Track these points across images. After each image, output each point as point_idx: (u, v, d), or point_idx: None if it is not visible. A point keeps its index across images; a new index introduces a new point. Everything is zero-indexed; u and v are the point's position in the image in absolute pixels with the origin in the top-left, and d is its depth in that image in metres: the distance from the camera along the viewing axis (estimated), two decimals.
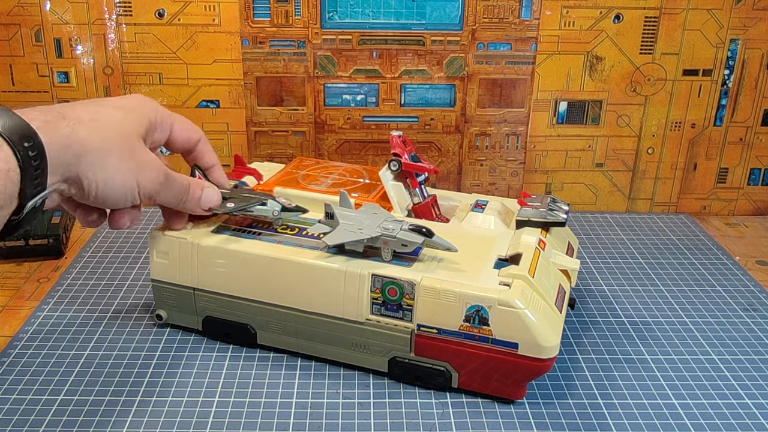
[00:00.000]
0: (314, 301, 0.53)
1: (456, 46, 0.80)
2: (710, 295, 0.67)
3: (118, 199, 0.47)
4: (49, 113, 0.43)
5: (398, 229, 0.51)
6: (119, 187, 0.47)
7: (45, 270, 0.69)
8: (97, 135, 0.45)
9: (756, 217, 0.87)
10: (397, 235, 0.50)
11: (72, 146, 0.44)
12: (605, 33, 0.80)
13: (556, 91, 0.82)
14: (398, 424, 0.49)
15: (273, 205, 0.54)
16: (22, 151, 0.40)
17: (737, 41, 0.80)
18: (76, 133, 0.44)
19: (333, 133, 0.83)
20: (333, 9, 0.78)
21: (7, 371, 0.53)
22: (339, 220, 0.52)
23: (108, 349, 0.56)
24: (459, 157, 0.85)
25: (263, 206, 0.54)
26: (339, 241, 0.51)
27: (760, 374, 0.55)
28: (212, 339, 0.58)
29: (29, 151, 0.41)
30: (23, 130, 0.41)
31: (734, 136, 0.84)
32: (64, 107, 0.45)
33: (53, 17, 0.77)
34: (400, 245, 0.50)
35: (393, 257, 0.52)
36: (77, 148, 0.44)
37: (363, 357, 0.53)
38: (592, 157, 0.85)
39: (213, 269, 0.54)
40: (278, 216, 0.55)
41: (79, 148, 0.44)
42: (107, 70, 0.80)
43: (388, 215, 0.54)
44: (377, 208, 0.55)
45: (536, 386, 0.53)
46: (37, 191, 0.42)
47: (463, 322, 0.49)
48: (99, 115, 0.46)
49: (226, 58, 0.80)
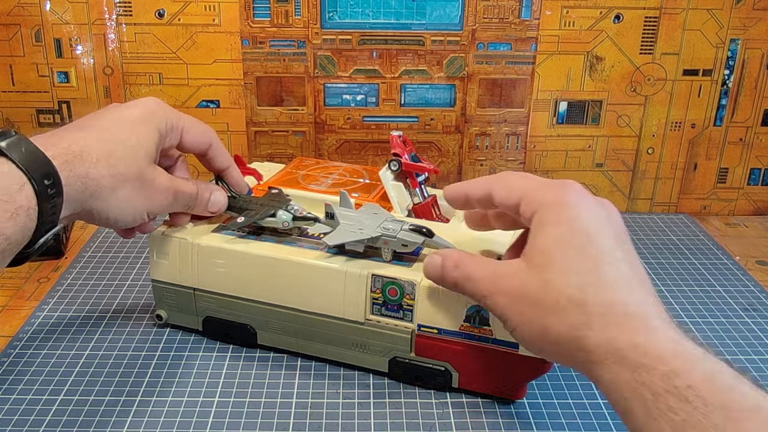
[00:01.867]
0: (314, 301, 0.53)
1: (456, 46, 0.80)
2: (710, 295, 0.67)
3: (127, 224, 0.49)
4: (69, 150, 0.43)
5: (399, 229, 0.51)
6: (129, 216, 0.48)
7: (45, 270, 0.69)
8: (111, 171, 0.45)
9: (756, 217, 0.87)
10: (397, 236, 0.50)
11: (87, 186, 0.44)
12: (605, 33, 0.80)
13: (556, 91, 0.82)
14: (398, 424, 0.49)
15: (282, 215, 0.54)
16: (43, 190, 0.41)
17: (737, 41, 0.80)
18: (92, 174, 0.44)
19: (333, 133, 0.83)
20: (333, 9, 0.78)
21: (7, 371, 0.53)
22: (339, 220, 0.52)
23: (108, 349, 0.56)
24: (459, 157, 0.85)
25: (273, 218, 0.54)
26: (339, 241, 0.51)
27: (760, 374, 0.55)
28: (212, 339, 0.58)
29: (48, 189, 0.41)
30: (45, 168, 0.41)
31: (734, 136, 0.84)
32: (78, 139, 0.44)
33: (53, 17, 0.77)
34: (401, 245, 0.50)
35: (393, 257, 0.52)
36: (92, 187, 0.44)
37: (363, 357, 0.53)
38: (592, 157, 0.85)
39: (213, 269, 0.54)
40: (290, 227, 0.54)
41: (95, 187, 0.44)
42: (107, 70, 0.80)
43: (389, 215, 0.54)
44: (377, 208, 0.55)
45: (536, 386, 0.53)
46: (50, 227, 0.43)
47: (463, 323, 0.49)
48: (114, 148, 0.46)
49: (226, 58, 0.80)
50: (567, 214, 0.40)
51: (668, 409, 0.33)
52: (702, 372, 0.33)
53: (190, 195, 0.52)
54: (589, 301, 0.37)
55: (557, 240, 0.40)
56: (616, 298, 0.37)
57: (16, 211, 0.40)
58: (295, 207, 0.55)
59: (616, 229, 0.41)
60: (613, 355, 0.36)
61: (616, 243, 0.40)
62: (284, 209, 0.54)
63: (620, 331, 0.36)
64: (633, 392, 0.34)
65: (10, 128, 0.42)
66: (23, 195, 0.40)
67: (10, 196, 0.39)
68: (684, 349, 0.34)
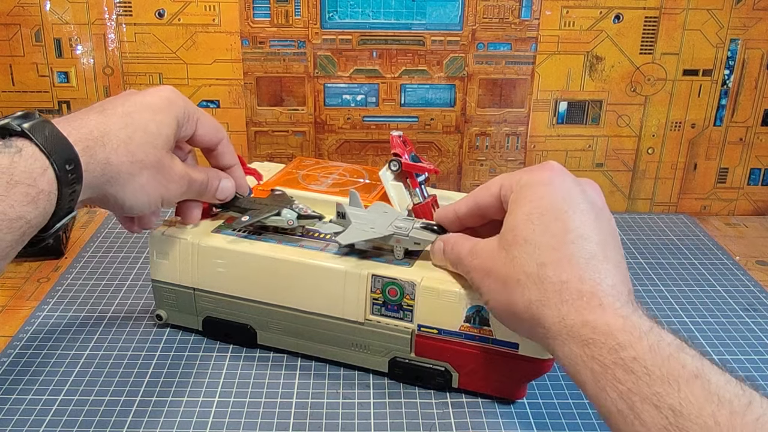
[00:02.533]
0: (314, 301, 0.52)
1: (456, 46, 0.80)
2: (710, 295, 0.67)
3: (142, 210, 0.49)
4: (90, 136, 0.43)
5: (410, 228, 0.51)
6: (144, 202, 0.48)
7: (45, 270, 0.69)
8: (131, 158, 0.45)
9: (756, 217, 0.87)
10: (409, 234, 0.50)
11: (106, 172, 0.44)
12: (605, 33, 0.80)
13: (556, 91, 0.82)
14: (398, 424, 0.49)
15: (287, 214, 0.54)
16: (64, 175, 0.41)
17: (737, 41, 0.80)
18: (112, 160, 0.44)
19: (333, 133, 0.83)
20: (333, 9, 0.78)
21: (7, 371, 0.53)
22: (351, 220, 0.52)
23: (108, 350, 0.56)
24: (459, 157, 0.85)
25: (278, 216, 0.54)
26: (352, 240, 0.51)
27: (760, 374, 0.55)
28: (212, 339, 0.58)
29: (69, 174, 0.41)
30: (67, 153, 0.41)
31: (734, 136, 0.84)
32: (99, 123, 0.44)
33: (53, 17, 0.77)
34: (413, 243, 0.51)
35: (392, 257, 0.52)
36: (110, 172, 0.44)
37: (363, 357, 0.53)
38: (592, 157, 0.85)
39: (213, 269, 0.54)
40: (294, 225, 0.54)
41: (113, 173, 0.45)
42: (107, 70, 0.80)
43: (399, 214, 0.54)
44: (387, 207, 0.55)
45: (536, 386, 0.53)
46: (68, 212, 0.43)
47: (463, 323, 0.49)
48: (134, 134, 0.46)
49: (226, 58, 0.80)
50: (539, 192, 0.42)
51: (615, 379, 0.35)
52: (647, 343, 0.35)
53: (201, 182, 0.52)
54: (547, 278, 0.39)
55: (526, 217, 0.41)
56: (571, 276, 0.39)
57: (38, 195, 0.40)
58: (300, 206, 0.55)
59: (590, 205, 0.41)
60: (566, 332, 0.38)
61: (587, 220, 0.40)
62: (289, 208, 0.54)
63: (572, 309, 0.38)
64: (584, 365, 0.36)
65: (33, 110, 0.42)
66: (45, 179, 0.40)
67: (33, 180, 0.39)
68: (632, 324, 0.36)
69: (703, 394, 0.32)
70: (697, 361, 0.34)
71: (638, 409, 0.33)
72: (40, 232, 0.42)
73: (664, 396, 0.33)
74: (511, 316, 0.42)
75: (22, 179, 0.39)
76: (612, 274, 0.39)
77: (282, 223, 0.54)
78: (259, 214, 0.54)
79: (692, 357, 0.34)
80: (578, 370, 0.37)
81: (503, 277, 0.42)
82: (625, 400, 0.34)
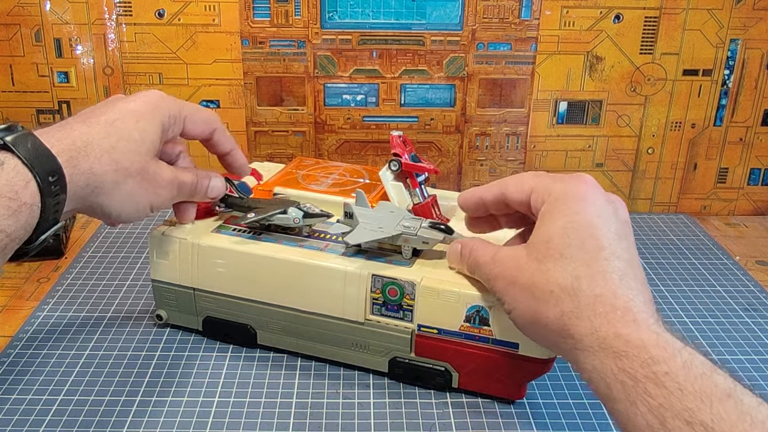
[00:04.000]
0: (314, 301, 0.52)
1: (456, 46, 0.80)
2: (710, 295, 0.67)
3: (130, 219, 0.49)
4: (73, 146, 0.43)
5: (418, 227, 0.51)
6: (132, 210, 0.48)
7: (45, 270, 0.69)
8: (115, 166, 0.45)
9: (756, 217, 0.87)
10: (418, 233, 0.50)
11: (90, 182, 0.44)
12: (605, 33, 0.80)
13: (556, 91, 0.82)
14: (398, 424, 0.49)
15: (293, 212, 0.54)
16: (47, 187, 0.41)
17: (737, 41, 0.80)
18: (96, 169, 0.44)
19: (333, 133, 0.83)
20: (333, 9, 0.78)
21: (7, 371, 0.53)
22: (358, 220, 0.52)
23: (108, 349, 0.56)
24: (459, 157, 0.85)
25: (283, 215, 0.54)
26: (361, 240, 0.51)
27: (760, 374, 0.55)
28: (212, 339, 0.58)
29: (53, 185, 0.41)
30: (50, 164, 0.41)
31: (734, 136, 0.84)
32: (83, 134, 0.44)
33: (53, 17, 0.77)
34: (421, 243, 0.51)
35: (392, 257, 0.52)
36: (95, 182, 0.44)
37: (363, 357, 0.53)
38: (592, 157, 0.85)
39: (213, 269, 0.54)
40: (300, 224, 0.54)
41: (98, 183, 0.44)
42: (107, 70, 0.80)
43: (406, 213, 0.54)
44: (393, 207, 0.55)
45: (536, 386, 0.53)
46: (53, 224, 0.43)
47: (463, 323, 0.49)
48: (118, 142, 0.45)
49: (226, 58, 0.80)
50: (574, 207, 0.42)
51: (646, 393, 0.35)
52: (680, 360, 0.35)
53: (190, 184, 0.52)
54: (581, 292, 0.39)
55: (561, 231, 0.41)
56: (605, 290, 0.39)
57: (19, 208, 0.40)
58: (307, 204, 0.55)
59: (621, 225, 0.42)
60: (597, 344, 0.38)
61: (617, 239, 0.41)
62: (295, 207, 0.54)
63: (606, 322, 0.38)
64: (614, 378, 0.36)
65: (16, 123, 0.42)
66: (28, 192, 0.40)
67: (15, 193, 0.40)
68: (664, 340, 0.36)
69: (735, 413, 0.32)
70: (729, 381, 0.34)
71: (669, 424, 0.33)
72: (25, 245, 0.42)
73: (696, 412, 0.33)
74: (537, 326, 0.42)
75: (3, 192, 0.39)
76: (642, 293, 0.39)
77: (288, 222, 0.54)
78: (265, 211, 0.54)
79: (724, 378, 0.34)
80: (607, 382, 0.37)
81: (531, 286, 0.41)
82: (655, 415, 0.34)
